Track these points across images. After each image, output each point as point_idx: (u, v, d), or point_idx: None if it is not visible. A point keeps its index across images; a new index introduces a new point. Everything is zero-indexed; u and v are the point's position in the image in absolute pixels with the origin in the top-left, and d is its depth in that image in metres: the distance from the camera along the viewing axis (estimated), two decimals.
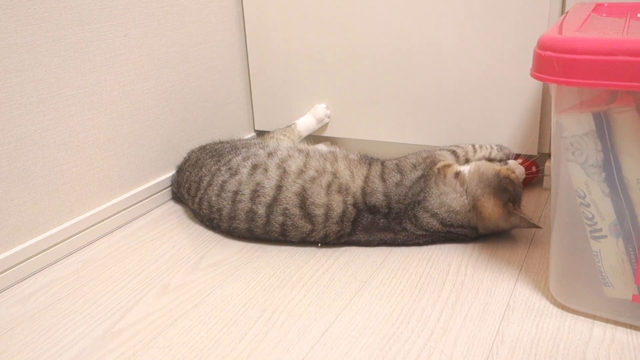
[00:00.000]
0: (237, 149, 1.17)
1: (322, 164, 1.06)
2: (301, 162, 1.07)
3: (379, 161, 1.10)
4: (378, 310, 0.86)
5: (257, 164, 1.09)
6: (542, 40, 0.71)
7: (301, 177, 1.04)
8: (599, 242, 0.77)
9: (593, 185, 0.74)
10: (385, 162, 1.09)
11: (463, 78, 1.27)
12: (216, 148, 1.21)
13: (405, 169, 1.06)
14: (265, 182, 1.05)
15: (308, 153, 1.11)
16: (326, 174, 1.04)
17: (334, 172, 1.05)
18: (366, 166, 1.07)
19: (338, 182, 1.03)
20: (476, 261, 0.98)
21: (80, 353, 0.80)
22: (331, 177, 1.04)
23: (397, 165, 1.07)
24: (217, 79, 1.43)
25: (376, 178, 1.04)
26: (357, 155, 1.11)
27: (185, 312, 0.88)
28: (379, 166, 1.07)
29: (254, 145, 1.18)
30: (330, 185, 1.03)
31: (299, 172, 1.05)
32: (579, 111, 0.73)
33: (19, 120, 0.98)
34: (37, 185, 1.02)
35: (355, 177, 1.04)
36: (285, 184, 1.04)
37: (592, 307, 0.82)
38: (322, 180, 1.03)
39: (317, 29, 1.39)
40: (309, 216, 1.02)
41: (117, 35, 1.13)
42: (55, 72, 1.02)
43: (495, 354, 0.75)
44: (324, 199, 1.02)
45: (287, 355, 0.77)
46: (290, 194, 1.03)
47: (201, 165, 1.16)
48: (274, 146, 1.16)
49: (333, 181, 1.03)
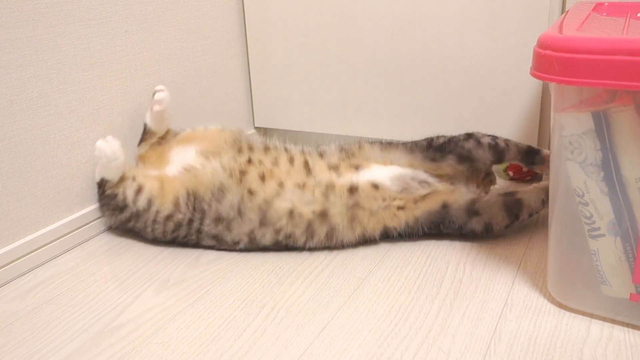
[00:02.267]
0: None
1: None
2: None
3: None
4: (376, 307, 0.87)
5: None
6: (542, 39, 0.72)
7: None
8: (597, 241, 0.77)
9: (592, 184, 0.75)
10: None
11: (463, 76, 1.27)
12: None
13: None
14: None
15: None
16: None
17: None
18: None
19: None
20: (474, 259, 0.99)
21: (80, 348, 0.81)
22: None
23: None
24: (218, 75, 1.43)
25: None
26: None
27: (185, 308, 0.89)
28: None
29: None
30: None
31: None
32: (578, 110, 0.73)
33: (20, 116, 0.98)
34: (37, 181, 1.02)
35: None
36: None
37: (590, 305, 0.82)
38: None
39: (318, 24, 1.39)
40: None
41: (118, 31, 1.13)
42: (56, 68, 1.02)
43: (492, 352, 0.76)
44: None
45: (285, 352, 0.78)
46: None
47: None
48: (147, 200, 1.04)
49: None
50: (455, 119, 1.31)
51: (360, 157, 1.06)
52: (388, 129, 1.40)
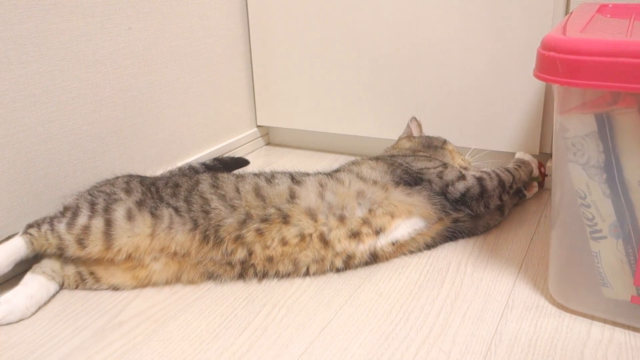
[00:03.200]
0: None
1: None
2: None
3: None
4: (377, 307, 0.87)
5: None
6: (545, 40, 0.71)
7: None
8: (598, 243, 0.77)
9: (594, 186, 0.75)
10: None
11: (466, 77, 1.27)
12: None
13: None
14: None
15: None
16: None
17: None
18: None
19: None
20: (476, 260, 0.99)
21: (81, 344, 0.81)
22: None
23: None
24: (220, 73, 1.43)
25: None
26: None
27: (186, 306, 0.89)
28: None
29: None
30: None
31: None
32: (581, 112, 0.73)
33: (23, 112, 0.98)
34: (39, 178, 1.02)
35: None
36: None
37: (591, 307, 0.82)
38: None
39: (321, 25, 1.39)
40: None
41: (121, 28, 1.13)
42: (59, 65, 1.02)
43: (493, 353, 0.76)
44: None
45: (286, 351, 0.78)
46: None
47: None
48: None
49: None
50: (457, 120, 1.31)
51: (386, 205, 0.95)
52: (389, 129, 1.40)
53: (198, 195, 0.92)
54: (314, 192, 0.93)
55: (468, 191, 0.99)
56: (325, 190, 0.93)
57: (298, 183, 0.94)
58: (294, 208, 0.90)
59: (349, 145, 1.51)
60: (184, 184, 0.96)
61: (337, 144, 1.53)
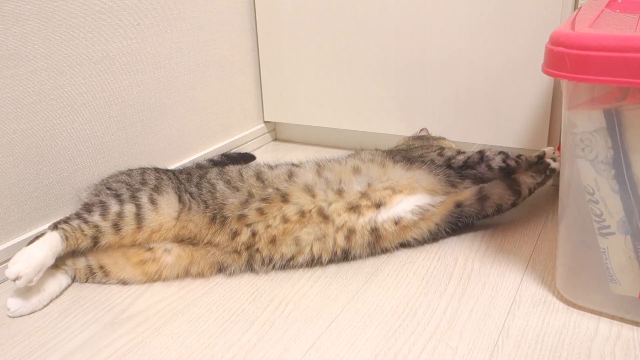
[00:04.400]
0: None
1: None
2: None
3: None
4: (384, 302, 0.87)
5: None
6: (554, 35, 0.71)
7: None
8: (606, 239, 0.77)
9: (602, 182, 0.74)
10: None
11: (474, 73, 1.27)
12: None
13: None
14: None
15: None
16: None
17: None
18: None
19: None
20: (483, 256, 0.99)
21: (90, 338, 0.81)
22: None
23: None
24: (227, 69, 1.43)
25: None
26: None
27: (194, 301, 0.89)
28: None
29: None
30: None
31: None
32: (590, 108, 0.73)
33: (32, 108, 0.98)
34: (49, 172, 1.03)
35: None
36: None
37: (598, 303, 0.82)
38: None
39: (329, 21, 1.39)
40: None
41: (129, 24, 1.14)
42: (68, 60, 1.03)
43: (500, 348, 0.76)
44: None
45: (293, 345, 0.78)
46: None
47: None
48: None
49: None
50: (464, 115, 1.30)
51: (385, 180, 0.97)
52: (397, 125, 1.39)
53: (206, 181, 0.98)
54: (311, 171, 0.96)
55: (469, 159, 1.02)
56: (323, 169, 0.97)
57: (297, 166, 0.99)
58: (292, 186, 0.93)
59: (357, 141, 1.51)
60: (195, 173, 1.02)
61: (344, 140, 1.53)
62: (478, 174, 1.01)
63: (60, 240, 0.87)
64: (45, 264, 0.85)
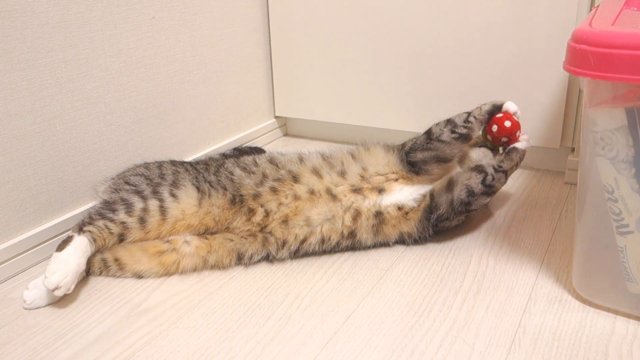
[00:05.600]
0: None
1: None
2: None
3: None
4: (400, 298, 0.87)
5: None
6: (577, 33, 0.71)
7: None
8: (625, 238, 0.77)
9: (622, 181, 0.74)
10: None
11: (488, 70, 1.26)
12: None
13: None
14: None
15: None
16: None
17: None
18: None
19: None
20: (497, 253, 0.99)
21: (108, 330, 0.82)
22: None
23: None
24: (240, 63, 1.43)
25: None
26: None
27: (209, 294, 0.90)
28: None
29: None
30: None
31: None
32: (611, 106, 0.73)
33: (49, 100, 0.99)
34: (64, 165, 1.03)
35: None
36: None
37: (615, 302, 0.82)
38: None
39: (341, 16, 1.38)
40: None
41: (144, 17, 1.14)
42: (84, 53, 1.03)
43: (517, 346, 0.76)
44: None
45: (310, 340, 0.79)
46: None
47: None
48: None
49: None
50: None
51: (373, 164, 1.02)
52: (409, 121, 1.39)
53: (224, 169, 1.03)
54: (318, 157, 1.05)
55: (416, 142, 1.04)
56: (326, 155, 1.05)
57: (306, 154, 1.06)
58: (302, 168, 1.00)
59: (367, 137, 1.51)
60: (212, 164, 1.07)
61: (355, 136, 1.53)
62: (435, 152, 1.01)
63: (88, 244, 0.89)
64: (80, 270, 0.88)
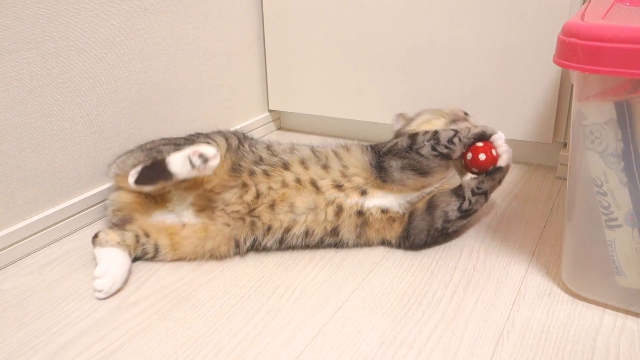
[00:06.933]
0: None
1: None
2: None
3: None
4: (390, 291, 0.87)
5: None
6: (567, 26, 0.71)
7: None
8: (613, 231, 0.77)
9: (611, 175, 0.74)
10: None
11: (480, 65, 1.26)
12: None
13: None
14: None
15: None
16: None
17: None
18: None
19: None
20: (488, 247, 0.99)
21: (97, 322, 0.82)
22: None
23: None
24: (233, 57, 1.43)
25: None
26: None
27: (200, 286, 0.90)
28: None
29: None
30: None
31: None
32: (600, 99, 0.73)
33: (40, 92, 0.98)
34: (56, 157, 1.03)
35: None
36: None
37: (604, 295, 0.83)
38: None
39: (334, 9, 1.38)
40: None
41: (136, 9, 1.13)
42: (75, 45, 1.03)
43: (505, 338, 0.76)
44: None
45: (299, 332, 0.79)
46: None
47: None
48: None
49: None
50: (470, 107, 1.30)
51: (350, 165, 1.01)
52: None
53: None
54: (307, 149, 1.07)
55: (395, 145, 1.00)
56: (315, 149, 1.07)
57: (298, 145, 1.09)
58: (293, 157, 1.04)
59: (361, 131, 1.51)
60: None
61: (348, 130, 1.53)
62: (412, 162, 0.97)
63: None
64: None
